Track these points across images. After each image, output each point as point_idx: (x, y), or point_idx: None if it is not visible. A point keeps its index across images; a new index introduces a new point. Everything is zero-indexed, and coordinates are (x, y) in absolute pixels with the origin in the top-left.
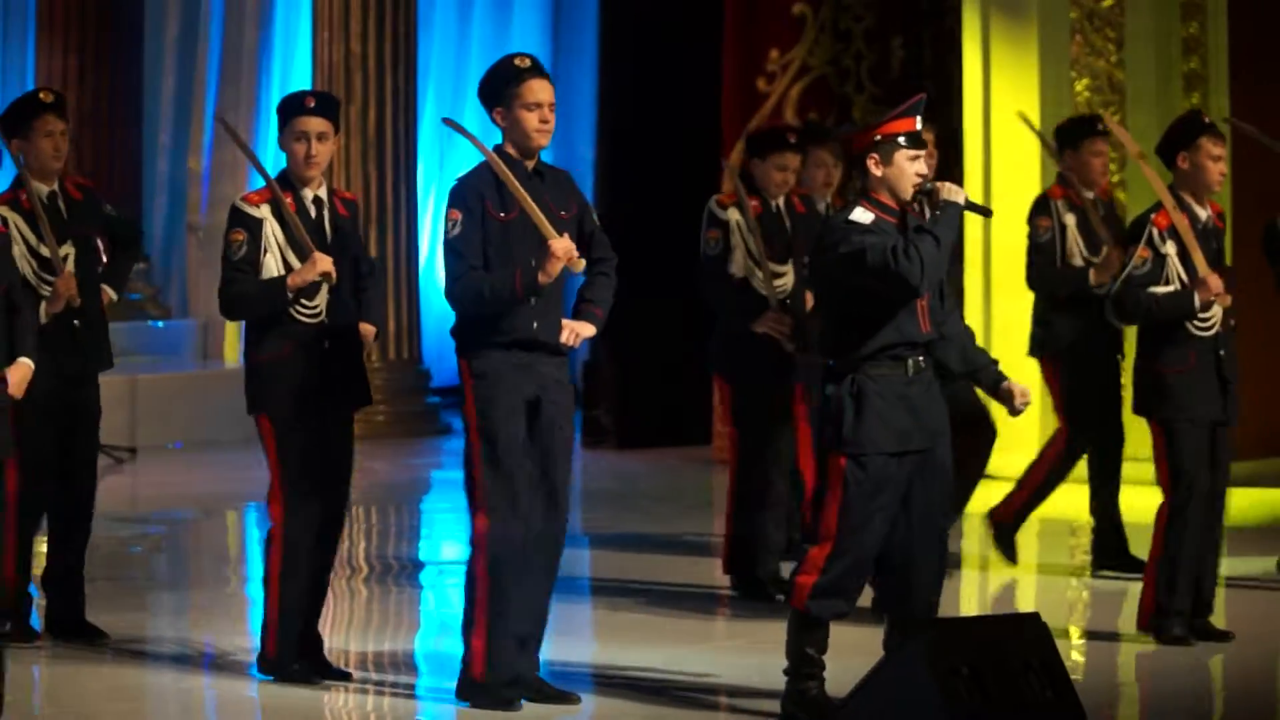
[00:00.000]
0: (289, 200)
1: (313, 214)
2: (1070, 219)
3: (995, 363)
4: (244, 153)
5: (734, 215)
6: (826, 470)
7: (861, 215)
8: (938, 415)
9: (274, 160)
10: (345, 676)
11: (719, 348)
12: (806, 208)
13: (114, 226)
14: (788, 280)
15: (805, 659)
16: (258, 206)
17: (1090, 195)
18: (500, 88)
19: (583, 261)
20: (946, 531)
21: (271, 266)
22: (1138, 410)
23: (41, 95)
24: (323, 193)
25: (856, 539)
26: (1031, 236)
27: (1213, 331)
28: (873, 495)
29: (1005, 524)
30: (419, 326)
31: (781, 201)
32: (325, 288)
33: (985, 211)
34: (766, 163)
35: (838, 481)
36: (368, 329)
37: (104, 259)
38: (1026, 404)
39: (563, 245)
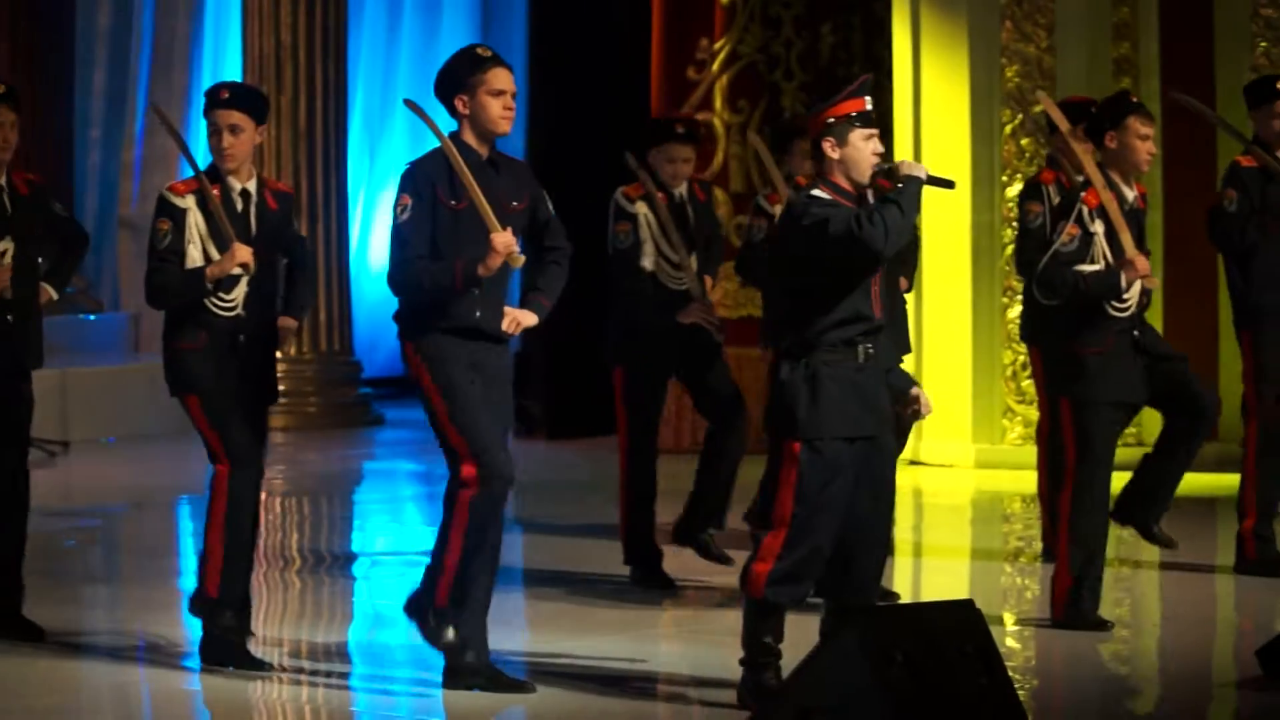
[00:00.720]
0: (215, 191)
1: (239, 206)
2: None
3: (901, 360)
4: (175, 140)
5: (642, 208)
6: (780, 455)
7: (821, 194)
8: (884, 403)
9: (205, 153)
10: (265, 667)
11: (618, 339)
12: (706, 194)
13: (61, 226)
14: (694, 268)
15: (763, 648)
16: (183, 196)
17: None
18: (464, 75)
19: (522, 257)
20: (890, 519)
21: (195, 256)
22: (1050, 389)
23: None
24: (252, 185)
25: (811, 525)
26: (1021, 221)
27: (1129, 312)
28: (828, 481)
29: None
30: (350, 318)
31: (684, 191)
32: (244, 282)
33: (948, 184)
34: (657, 155)
35: (793, 467)
36: (288, 322)
37: (44, 256)
38: (920, 417)
39: (503, 240)
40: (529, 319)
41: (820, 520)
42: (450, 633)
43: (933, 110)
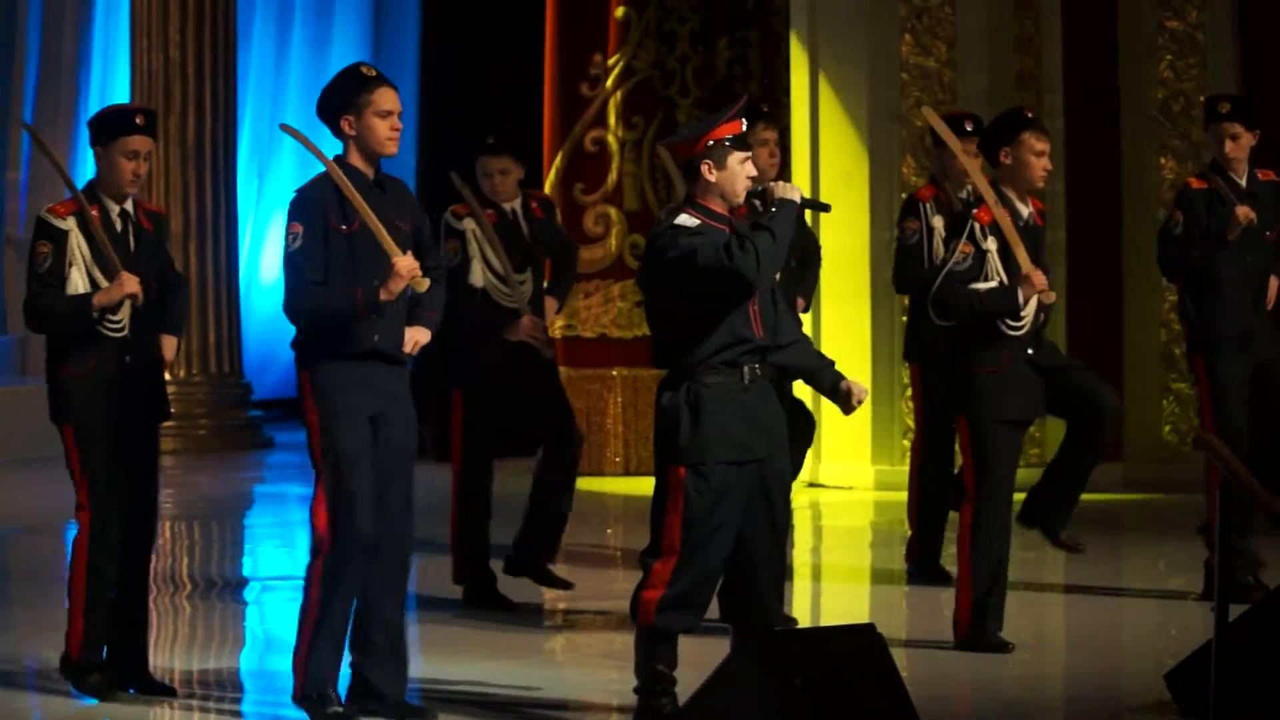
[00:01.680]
0: (95, 213)
1: (118, 227)
2: (938, 221)
3: (832, 363)
4: (51, 162)
5: (470, 225)
6: (665, 481)
7: (686, 220)
8: (776, 423)
9: (88, 172)
10: (169, 692)
11: (453, 359)
12: (545, 214)
13: None
14: (528, 288)
15: (656, 676)
16: (64, 219)
17: (964, 195)
18: (350, 96)
19: (426, 281)
20: (786, 540)
21: (76, 280)
22: (948, 408)
23: None
24: (129, 206)
25: (702, 551)
26: (899, 239)
27: (1024, 330)
28: (715, 506)
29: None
30: (240, 339)
31: (518, 206)
32: (129, 303)
33: (823, 207)
34: (477, 171)
35: (678, 493)
36: (170, 341)
37: None
38: (860, 403)
39: (407, 264)
40: (424, 336)
41: (709, 547)
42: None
43: (831, 126)
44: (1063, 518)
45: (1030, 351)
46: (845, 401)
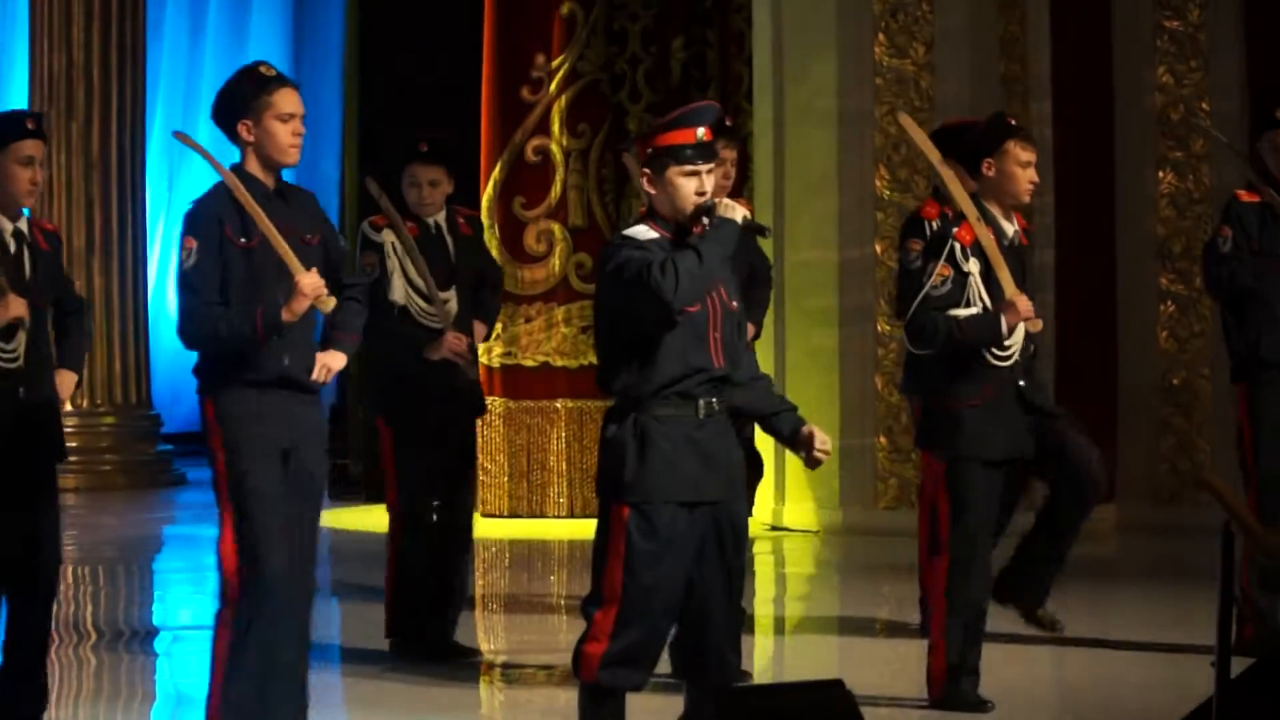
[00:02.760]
0: None
1: (12, 248)
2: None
3: (793, 407)
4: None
5: (389, 237)
6: (608, 522)
7: (639, 231)
8: (733, 463)
9: None
10: None
11: (375, 384)
12: (472, 229)
13: None
14: (452, 306)
15: None
16: None
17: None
18: (247, 99)
19: (332, 300)
20: (742, 589)
21: None
22: (921, 444)
23: None
24: (23, 224)
25: (645, 601)
26: (901, 261)
27: (1011, 361)
28: (661, 551)
29: None
30: (149, 367)
31: (442, 220)
32: (22, 329)
33: (762, 231)
34: (403, 179)
35: (620, 535)
36: (67, 378)
37: None
38: (826, 454)
39: (311, 282)
40: (338, 361)
41: (655, 596)
42: None
43: (797, 134)
44: (1042, 594)
45: (1021, 384)
46: (807, 450)
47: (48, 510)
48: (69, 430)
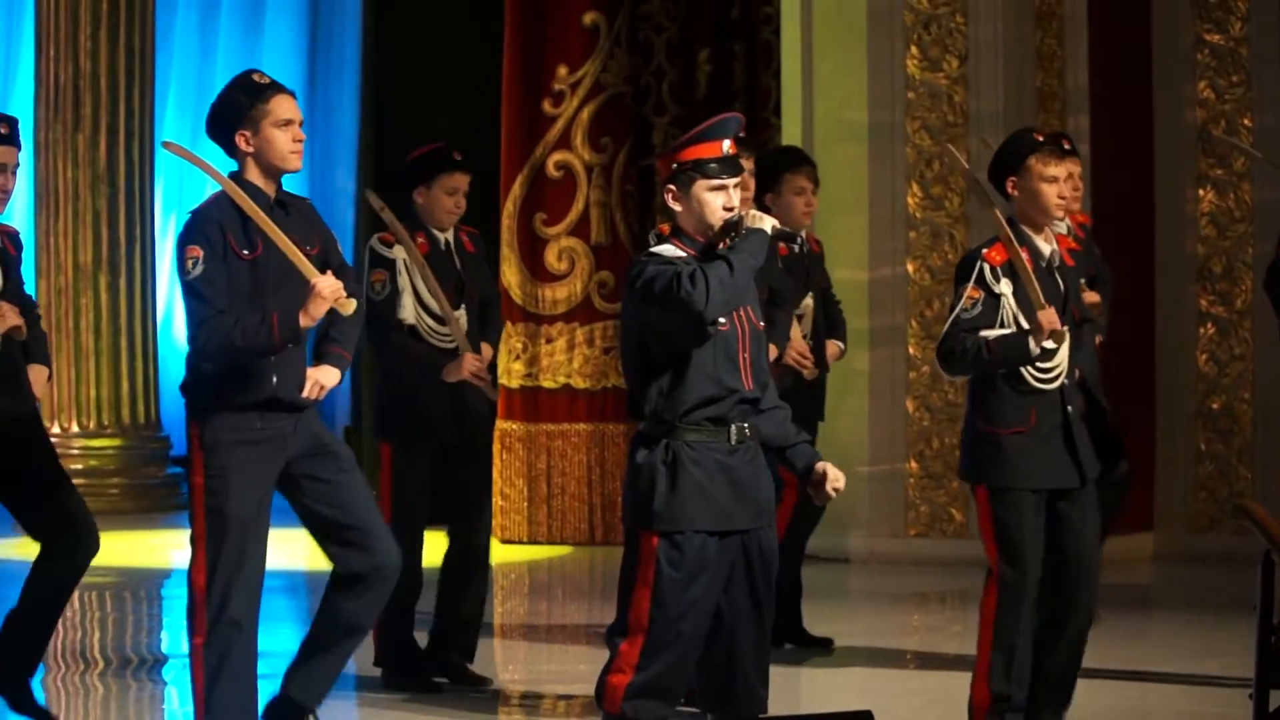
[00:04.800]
0: None
1: None
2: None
3: (809, 440)
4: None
5: (400, 253)
6: (636, 550)
7: (665, 250)
8: (764, 491)
9: None
10: None
11: (382, 408)
12: (475, 247)
13: None
14: (463, 326)
15: None
16: None
17: (1060, 229)
18: (242, 108)
19: (353, 302)
20: (771, 620)
21: None
22: (963, 475)
23: None
24: None
25: (673, 631)
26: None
27: (1057, 383)
28: (690, 580)
29: None
30: (157, 386)
31: (450, 237)
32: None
33: (793, 238)
34: (434, 188)
35: (649, 563)
36: (39, 372)
37: None
38: (837, 492)
39: (329, 284)
40: (331, 378)
41: (682, 626)
42: None
43: (826, 150)
44: (1057, 705)
45: (1069, 409)
46: (818, 487)
47: (59, 486)
48: (75, 452)
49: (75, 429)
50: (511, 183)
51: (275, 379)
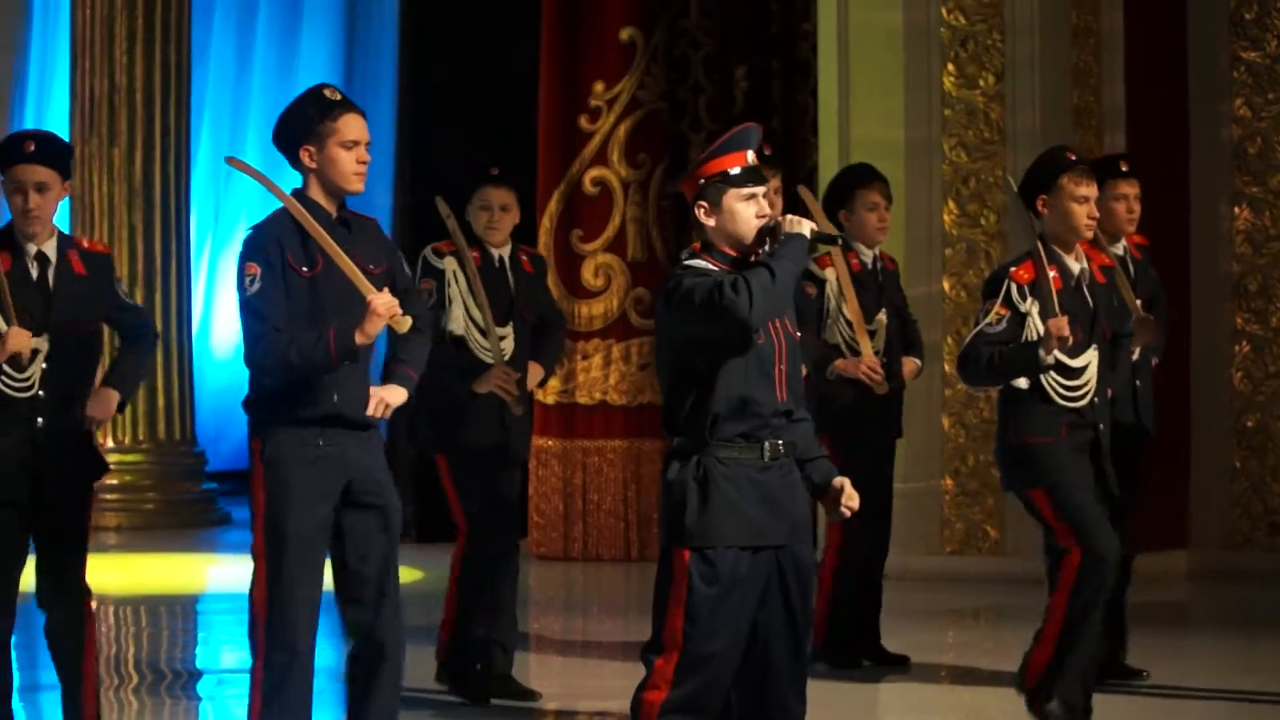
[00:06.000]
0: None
1: (34, 272)
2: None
3: (826, 455)
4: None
5: (451, 265)
6: (669, 566)
7: (698, 264)
8: (798, 506)
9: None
10: None
11: (431, 420)
12: (535, 268)
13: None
14: (509, 343)
15: None
16: None
17: (1118, 251)
18: (311, 123)
19: (408, 320)
20: (809, 635)
21: None
22: (1007, 486)
23: None
24: (51, 247)
25: (707, 647)
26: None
27: (1085, 400)
28: (723, 597)
29: None
30: (192, 402)
31: (507, 254)
32: (41, 357)
33: (834, 240)
34: (472, 203)
35: (681, 580)
36: (103, 395)
37: None
38: (852, 509)
39: (384, 301)
40: (397, 396)
41: (716, 643)
42: None
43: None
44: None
45: (1101, 428)
46: (833, 504)
47: (71, 540)
48: (113, 466)
49: (110, 444)
50: (548, 199)
51: (336, 396)
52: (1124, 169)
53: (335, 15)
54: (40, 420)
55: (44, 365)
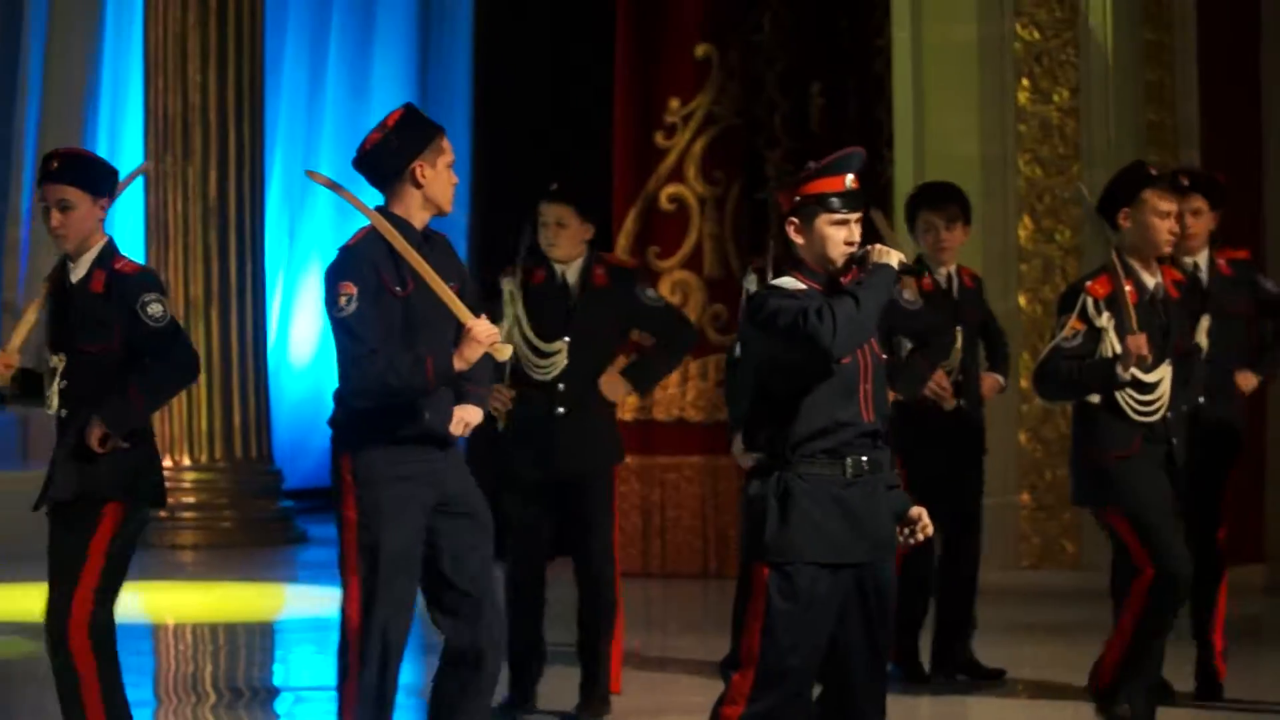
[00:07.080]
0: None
1: (64, 292)
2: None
3: (899, 483)
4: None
5: (509, 285)
6: (749, 582)
7: (786, 283)
8: (883, 524)
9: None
10: None
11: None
12: (611, 280)
13: None
14: (559, 360)
15: None
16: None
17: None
18: (428, 138)
19: (508, 348)
20: (888, 651)
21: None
22: (1077, 500)
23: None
24: (83, 265)
25: (785, 663)
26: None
27: (1158, 414)
28: (802, 613)
29: None
30: (269, 421)
31: (576, 268)
32: (57, 376)
33: (918, 273)
34: (537, 220)
35: (760, 596)
36: (92, 425)
37: None
38: (918, 543)
39: (485, 329)
40: (475, 416)
41: (793, 659)
42: None
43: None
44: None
45: (1174, 441)
46: (909, 531)
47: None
48: (186, 485)
49: (187, 462)
50: (624, 216)
51: (428, 415)
52: (1185, 184)
53: (408, 33)
54: (64, 439)
55: (62, 383)
